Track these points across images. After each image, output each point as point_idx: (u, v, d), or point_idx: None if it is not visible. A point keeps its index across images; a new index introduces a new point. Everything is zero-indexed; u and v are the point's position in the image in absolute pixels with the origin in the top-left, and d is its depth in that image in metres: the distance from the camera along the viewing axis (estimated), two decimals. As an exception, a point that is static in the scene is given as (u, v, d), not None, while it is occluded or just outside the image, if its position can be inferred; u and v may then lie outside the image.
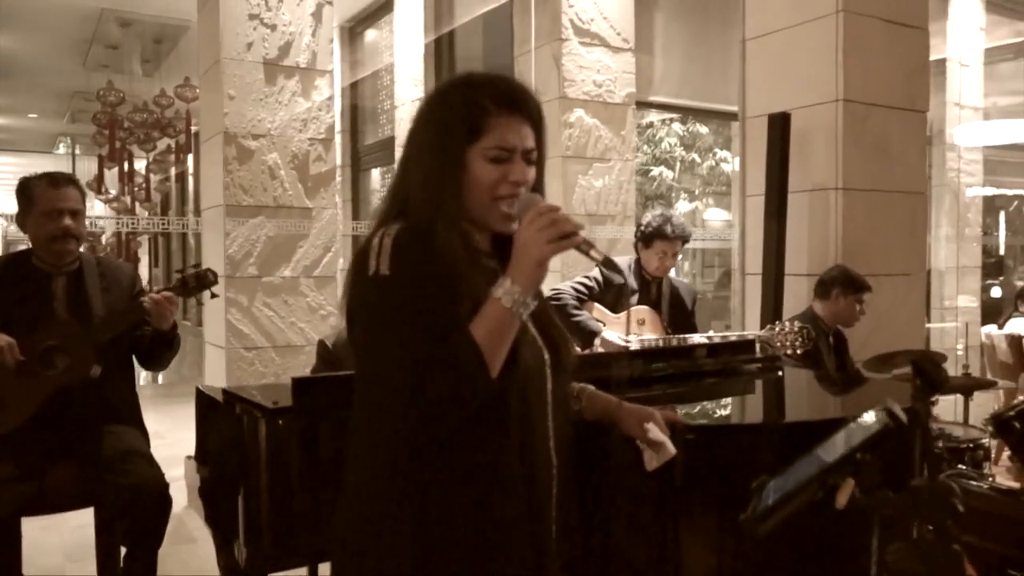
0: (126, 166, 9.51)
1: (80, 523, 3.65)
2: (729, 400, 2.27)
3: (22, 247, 2.53)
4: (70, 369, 2.24)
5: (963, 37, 7.07)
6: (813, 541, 1.68)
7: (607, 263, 1.22)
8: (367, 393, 1.20)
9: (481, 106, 1.18)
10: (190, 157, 10.73)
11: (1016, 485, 2.65)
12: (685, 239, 3.27)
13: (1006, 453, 4.17)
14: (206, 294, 2.47)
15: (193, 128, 9.06)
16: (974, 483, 2.53)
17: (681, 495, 1.68)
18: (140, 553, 2.27)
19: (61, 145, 15.66)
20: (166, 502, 2.25)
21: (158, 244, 14.71)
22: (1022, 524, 2.29)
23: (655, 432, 1.40)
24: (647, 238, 3.20)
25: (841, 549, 1.76)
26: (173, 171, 11.57)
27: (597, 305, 3.24)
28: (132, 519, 2.24)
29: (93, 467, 2.26)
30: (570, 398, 1.42)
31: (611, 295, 3.22)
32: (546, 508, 1.24)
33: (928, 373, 1.03)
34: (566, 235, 1.12)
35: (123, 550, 2.36)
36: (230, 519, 1.90)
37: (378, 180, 8.09)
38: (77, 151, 15.04)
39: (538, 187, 1.24)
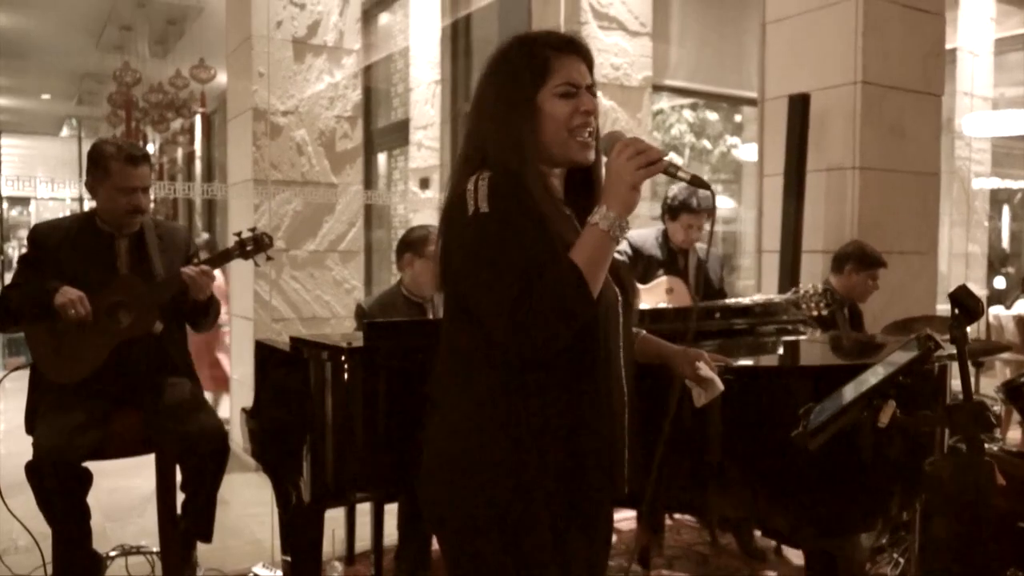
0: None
1: (114, 486, 3.79)
2: (764, 353, 2.40)
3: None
4: (135, 324, 2.36)
5: (974, 26, 7.13)
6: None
7: (695, 180, 1.32)
8: (463, 329, 1.30)
9: (542, 53, 1.31)
10: (197, 138, 10.80)
11: (1024, 449, 2.77)
12: (710, 212, 3.37)
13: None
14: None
15: (203, 109, 9.12)
16: (984, 446, 2.67)
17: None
18: (199, 497, 2.39)
19: (65, 127, 15.62)
20: (224, 448, 2.38)
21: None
22: (1029, 482, 2.42)
23: (705, 370, 1.53)
24: (673, 211, 3.29)
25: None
26: (180, 152, 11.63)
27: None
28: (192, 464, 2.36)
29: (155, 416, 2.39)
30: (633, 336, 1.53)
31: (640, 267, 3.33)
32: (620, 432, 1.37)
33: (966, 304, 1.15)
34: (653, 161, 1.23)
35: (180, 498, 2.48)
36: (290, 460, 2.02)
37: (384, 164, 8.14)
38: (83, 134, 15.03)
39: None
